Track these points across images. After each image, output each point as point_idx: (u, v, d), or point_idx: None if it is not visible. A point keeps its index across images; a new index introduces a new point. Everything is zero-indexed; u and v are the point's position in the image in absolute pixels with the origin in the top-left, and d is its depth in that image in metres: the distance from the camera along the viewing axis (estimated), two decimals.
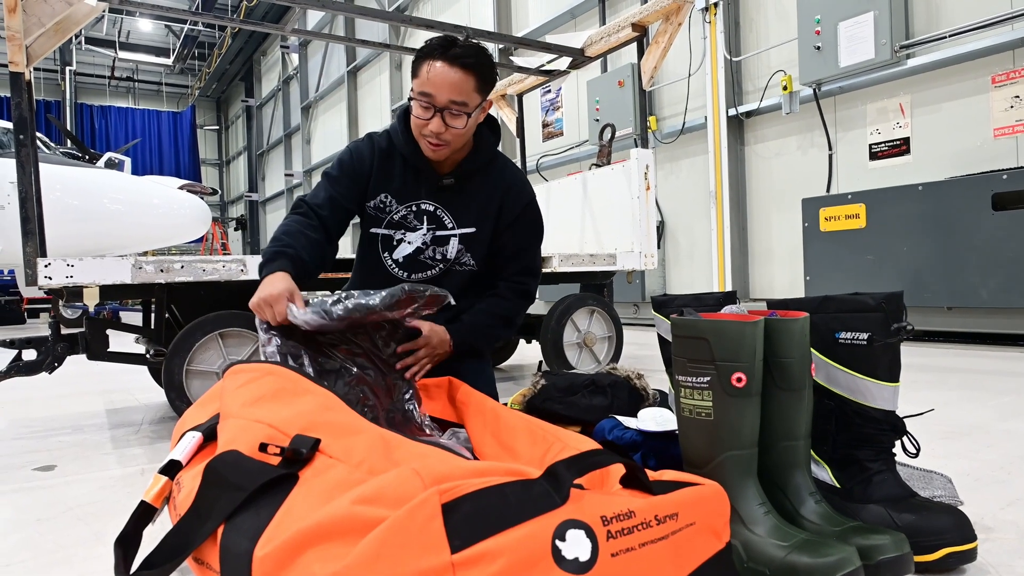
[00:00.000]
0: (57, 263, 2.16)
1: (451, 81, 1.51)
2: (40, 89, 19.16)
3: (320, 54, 15.32)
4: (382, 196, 1.68)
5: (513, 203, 1.73)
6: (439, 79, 1.51)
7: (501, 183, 1.73)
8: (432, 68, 1.52)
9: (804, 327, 1.12)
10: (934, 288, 4.06)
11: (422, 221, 1.69)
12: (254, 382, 1.09)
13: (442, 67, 1.51)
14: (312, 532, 0.72)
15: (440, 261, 1.72)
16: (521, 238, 1.76)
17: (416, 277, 1.72)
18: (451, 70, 1.51)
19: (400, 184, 1.68)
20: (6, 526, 1.42)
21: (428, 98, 1.52)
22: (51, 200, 6.26)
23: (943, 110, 4.59)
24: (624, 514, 0.76)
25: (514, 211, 1.73)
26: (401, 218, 1.69)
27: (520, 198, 1.75)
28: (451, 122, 1.54)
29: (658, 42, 3.37)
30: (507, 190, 1.73)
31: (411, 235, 1.69)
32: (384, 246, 1.72)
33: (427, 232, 1.69)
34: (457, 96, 1.52)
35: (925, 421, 2.10)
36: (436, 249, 1.71)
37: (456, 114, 1.54)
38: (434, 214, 1.69)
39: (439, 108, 1.52)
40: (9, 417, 2.71)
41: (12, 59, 2.23)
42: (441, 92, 1.51)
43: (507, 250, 1.76)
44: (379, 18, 3.19)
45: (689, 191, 6.48)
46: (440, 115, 1.53)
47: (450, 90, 1.51)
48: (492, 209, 1.71)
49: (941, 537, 1.06)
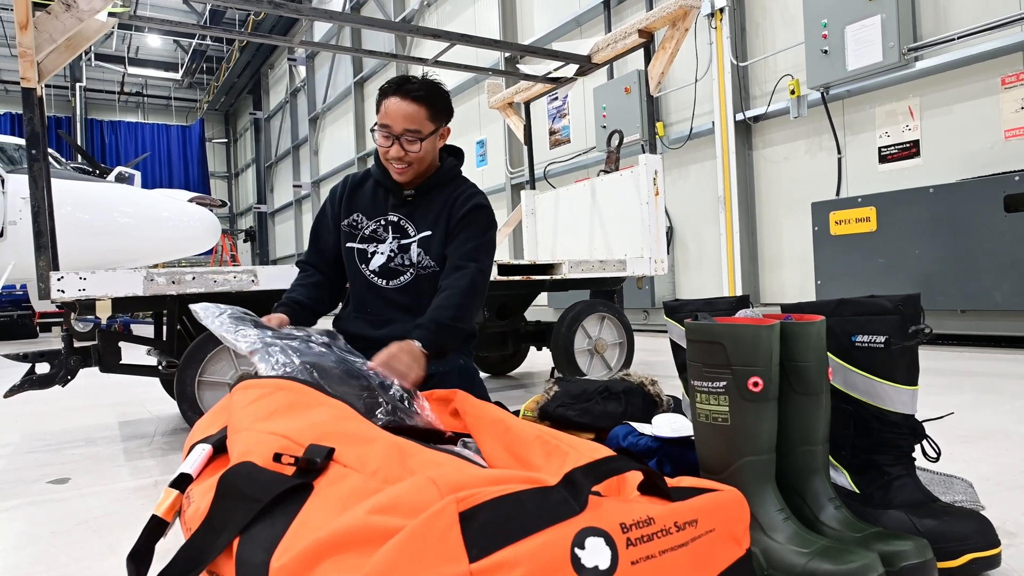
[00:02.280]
0: (70, 276, 2.17)
1: (405, 112, 1.75)
2: (51, 105, 19.38)
3: (327, 66, 15.42)
4: (354, 216, 1.92)
5: (462, 204, 1.89)
6: (394, 111, 1.76)
7: (455, 193, 1.91)
8: (389, 103, 1.77)
9: (820, 330, 1.11)
10: (947, 291, 4.02)
11: (388, 232, 1.90)
12: (265, 398, 1.09)
13: (397, 101, 1.76)
14: (328, 542, 0.71)
15: (409, 267, 1.88)
16: (466, 232, 1.87)
17: (392, 284, 1.88)
18: (404, 103, 1.75)
19: (370, 202, 1.92)
20: (20, 539, 1.42)
21: (387, 128, 1.77)
22: (63, 214, 6.32)
23: (953, 112, 4.56)
24: (643, 521, 0.75)
25: (460, 211, 1.88)
26: (371, 232, 1.90)
27: (468, 200, 1.89)
28: (408, 147, 1.78)
29: (665, 48, 3.37)
30: (457, 197, 1.90)
31: (381, 246, 1.90)
32: (360, 258, 1.90)
33: (393, 240, 1.89)
34: (410, 125, 1.76)
35: (942, 425, 2.07)
36: (403, 256, 1.89)
37: (411, 140, 1.77)
38: (398, 224, 1.90)
39: (396, 136, 1.77)
40: (23, 430, 2.73)
41: (24, 75, 2.25)
42: (397, 122, 1.76)
43: (451, 247, 1.87)
44: (386, 29, 3.21)
45: (697, 196, 6.46)
46: (398, 142, 1.77)
47: (404, 120, 1.76)
48: (445, 212, 1.89)
49: (964, 542, 1.04)
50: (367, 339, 1.82)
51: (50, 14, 2.28)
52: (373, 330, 1.85)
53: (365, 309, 1.90)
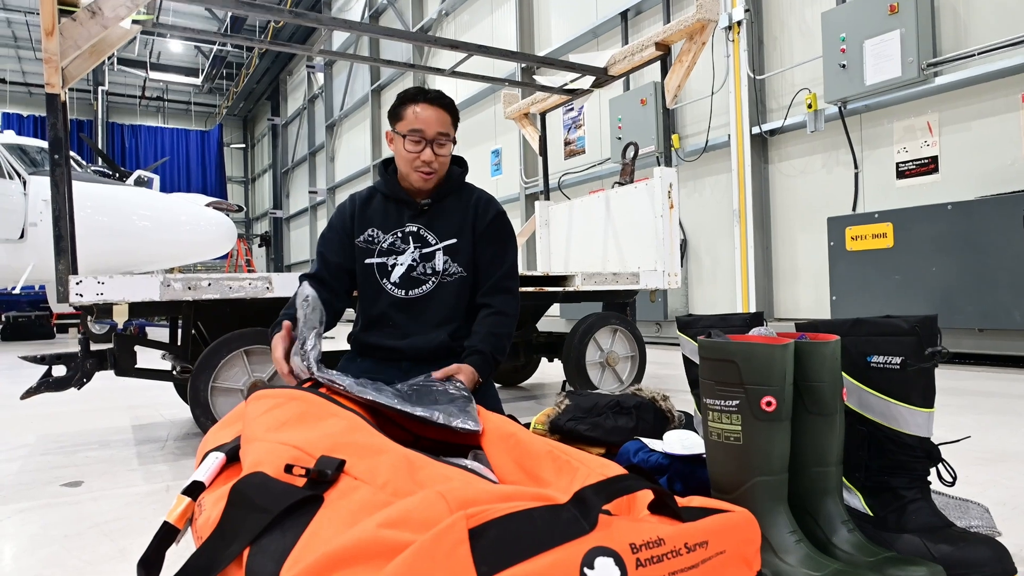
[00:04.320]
0: (88, 280, 2.20)
1: (436, 118, 1.81)
2: (73, 108, 19.70)
3: (345, 73, 15.56)
4: (369, 231, 1.91)
5: (484, 212, 1.93)
6: (426, 116, 1.80)
7: (471, 198, 1.95)
8: (418, 109, 1.81)
9: (835, 350, 1.10)
10: (965, 309, 3.98)
11: (408, 243, 1.89)
12: (278, 408, 1.10)
13: (426, 107, 1.81)
14: (338, 556, 0.71)
15: (432, 275, 1.88)
16: (492, 250, 1.92)
17: (413, 293, 1.87)
18: (433, 108, 1.81)
19: (383, 217, 1.91)
20: (33, 541, 1.44)
21: (419, 133, 1.80)
22: (82, 217, 6.41)
23: (972, 128, 4.52)
24: (654, 541, 0.75)
25: (486, 219, 1.92)
26: (389, 245, 1.89)
27: (490, 208, 1.95)
28: (439, 151, 1.82)
29: (682, 61, 3.37)
30: (477, 202, 1.94)
31: (401, 257, 1.89)
32: (381, 273, 1.89)
33: (414, 250, 1.89)
34: (442, 128, 1.82)
35: (959, 448, 2.04)
36: (425, 265, 1.88)
37: (443, 143, 1.82)
38: (418, 234, 1.90)
39: (429, 140, 1.80)
40: (38, 432, 2.75)
41: (49, 81, 2.28)
42: (430, 126, 1.80)
43: (482, 262, 1.91)
44: (403, 38, 3.24)
45: (712, 209, 6.44)
46: (430, 146, 1.80)
47: (437, 124, 1.81)
48: (468, 220, 1.92)
49: (979, 569, 1.03)
50: (392, 349, 1.83)
51: (75, 21, 2.31)
52: (397, 340, 1.84)
53: (387, 322, 1.88)
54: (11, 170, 6.70)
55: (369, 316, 1.90)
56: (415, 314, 1.87)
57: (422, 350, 1.82)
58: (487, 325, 1.83)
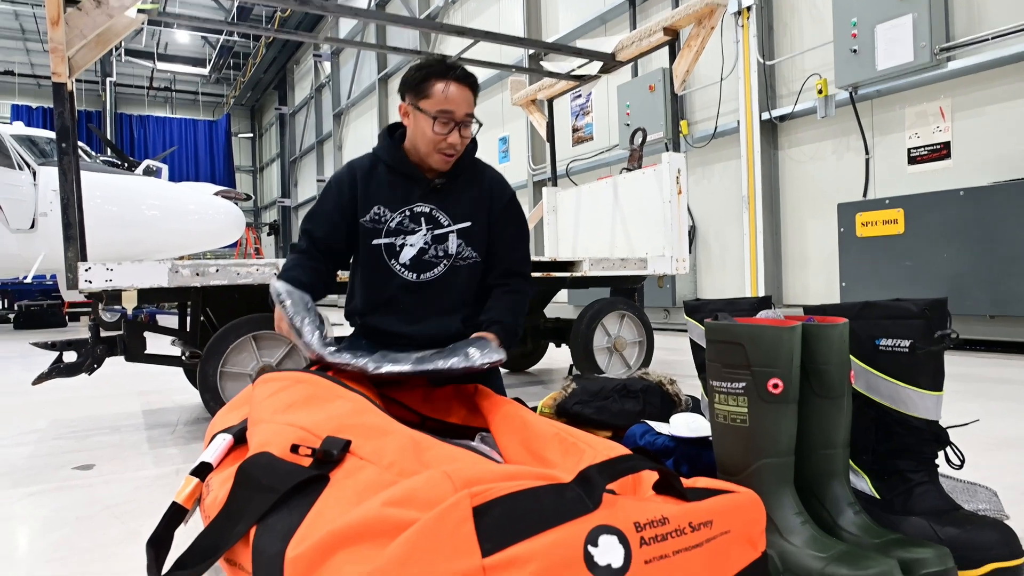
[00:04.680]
0: (97, 267, 2.21)
1: (465, 98, 1.73)
2: (81, 99, 19.73)
3: (352, 62, 15.51)
4: (375, 209, 1.80)
5: (499, 195, 1.88)
6: (456, 97, 1.71)
7: (485, 180, 1.88)
8: (448, 88, 1.71)
9: (843, 333, 1.09)
10: (976, 296, 3.94)
11: (419, 223, 1.80)
12: (285, 390, 1.10)
13: (456, 87, 1.72)
14: (343, 533, 0.72)
15: (444, 257, 1.81)
16: (509, 233, 1.89)
17: (425, 276, 1.80)
18: (462, 88, 1.72)
19: (390, 193, 1.81)
20: (46, 524, 1.46)
21: (448, 115, 1.70)
22: (91, 207, 6.44)
23: (986, 114, 4.46)
24: (658, 520, 0.75)
25: (501, 202, 1.88)
26: (397, 224, 1.80)
27: (504, 191, 1.90)
28: (465, 133, 1.75)
29: (690, 46, 3.34)
30: (492, 185, 1.88)
31: (411, 238, 1.80)
32: (389, 254, 1.80)
33: (426, 232, 1.80)
34: (470, 109, 1.75)
35: (968, 432, 2.03)
36: (437, 247, 1.81)
37: (468, 124, 1.75)
38: (430, 215, 1.81)
39: (458, 122, 1.72)
40: (51, 417, 2.78)
41: (55, 70, 2.29)
42: (459, 108, 1.72)
43: (497, 246, 1.87)
44: (410, 25, 3.22)
45: (721, 195, 6.40)
46: (458, 129, 1.72)
47: (465, 105, 1.73)
48: (483, 202, 1.85)
49: (987, 552, 1.02)
50: (402, 335, 1.77)
51: (81, 10, 2.31)
52: (407, 326, 1.78)
53: (396, 306, 1.80)
54: (21, 161, 6.74)
55: (376, 299, 1.82)
56: (426, 298, 1.79)
57: (435, 337, 1.73)
58: (505, 302, 1.80)
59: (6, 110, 19.11)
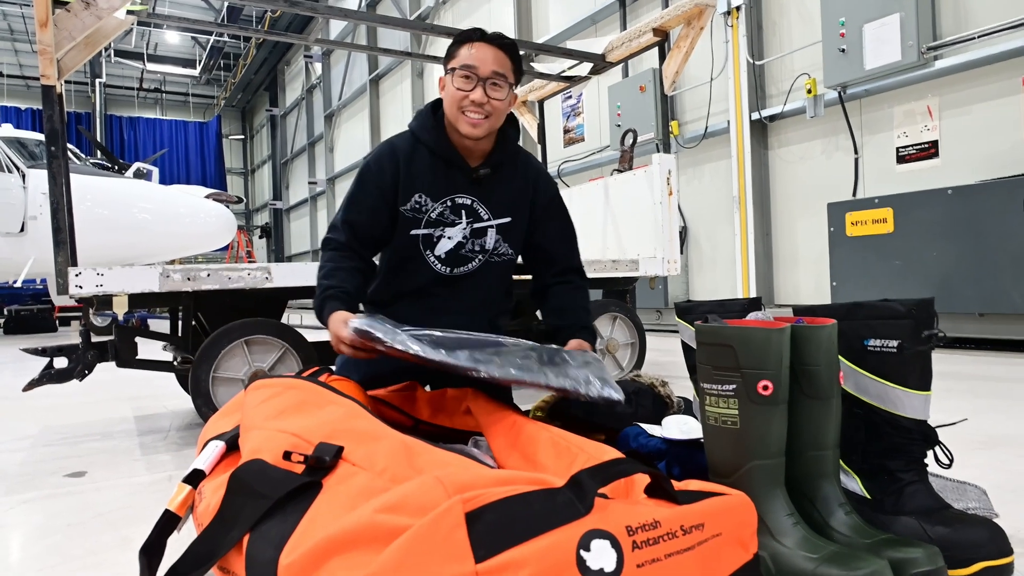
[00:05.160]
0: (87, 272, 2.20)
1: (493, 55, 1.61)
2: (71, 101, 19.63)
3: (343, 63, 15.48)
4: (416, 197, 1.68)
5: (544, 189, 1.80)
6: (482, 54, 1.60)
7: (529, 172, 1.78)
8: (474, 47, 1.61)
9: (832, 334, 1.10)
10: (965, 294, 3.98)
11: (460, 215, 1.70)
12: (277, 396, 1.10)
13: (484, 45, 1.61)
14: (336, 540, 0.72)
15: (479, 252, 1.73)
16: (557, 228, 1.83)
17: (458, 271, 1.73)
18: (493, 48, 1.61)
19: (432, 180, 1.68)
20: (38, 531, 1.45)
21: (471, 70, 1.59)
22: (81, 210, 6.40)
23: (973, 112, 4.50)
24: (650, 524, 0.75)
25: (546, 196, 1.80)
26: (438, 215, 1.69)
27: (550, 185, 1.83)
28: (492, 93, 1.60)
29: (680, 47, 3.36)
30: (537, 178, 1.80)
31: (450, 230, 1.70)
32: (425, 244, 1.71)
33: (466, 226, 1.71)
34: (499, 68, 1.60)
35: (957, 431, 2.05)
36: (475, 242, 1.72)
37: (498, 84, 1.61)
38: (471, 207, 1.71)
39: (482, 78, 1.59)
40: (41, 423, 2.77)
41: (44, 72, 2.28)
42: (485, 64, 1.59)
43: (547, 242, 1.81)
44: (401, 27, 3.22)
45: (712, 196, 6.43)
46: (483, 85, 1.59)
47: (493, 62, 1.60)
48: (526, 198, 1.76)
49: (976, 550, 1.03)
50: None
51: (69, 12, 2.30)
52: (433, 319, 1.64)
53: (424, 298, 1.73)
54: (10, 164, 6.70)
55: (403, 289, 1.74)
56: (457, 292, 1.73)
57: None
58: (579, 302, 1.77)
59: None
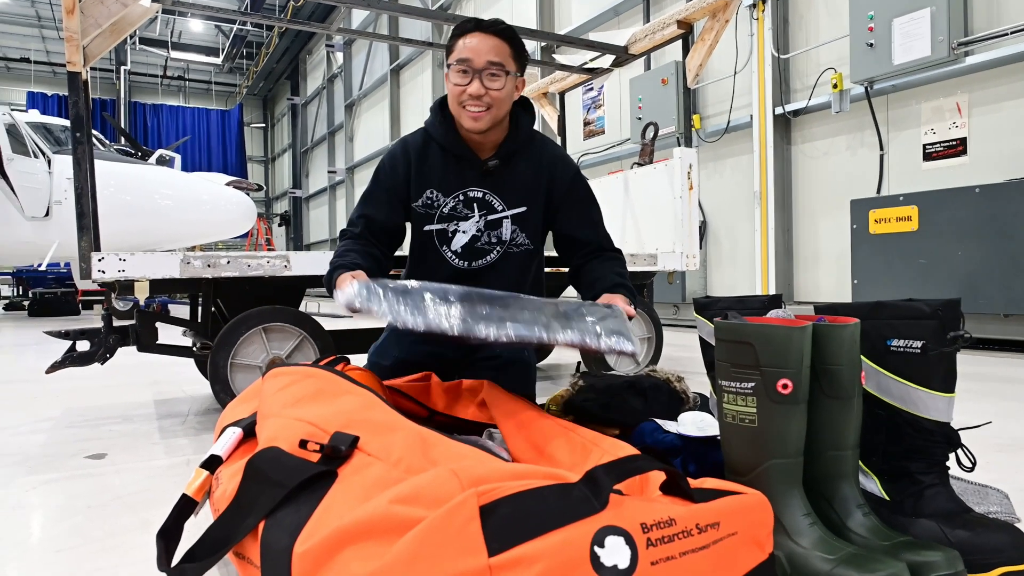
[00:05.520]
0: (110, 257, 2.23)
1: (488, 45, 1.57)
2: (96, 88, 19.85)
3: (364, 53, 15.51)
4: (427, 193, 1.69)
5: (562, 174, 1.74)
6: (476, 45, 1.56)
7: (544, 159, 1.73)
8: (468, 38, 1.58)
9: (854, 333, 1.08)
10: (990, 294, 3.90)
11: (472, 209, 1.70)
12: (294, 384, 1.11)
13: (478, 35, 1.58)
14: (351, 530, 0.72)
15: (496, 244, 1.72)
16: (581, 212, 1.75)
17: (477, 264, 1.72)
18: (487, 37, 1.57)
19: (442, 176, 1.69)
20: (58, 512, 1.47)
21: (466, 63, 1.56)
22: (105, 196, 6.47)
23: (1003, 110, 4.41)
24: (664, 522, 0.75)
25: (565, 180, 1.74)
26: (451, 210, 1.69)
27: (567, 169, 1.76)
28: (489, 84, 1.57)
29: (704, 39, 3.31)
30: (552, 164, 1.74)
31: (464, 224, 1.70)
32: (440, 240, 1.72)
33: (479, 219, 1.70)
34: (494, 57, 1.56)
35: (980, 433, 2.02)
36: (491, 234, 1.71)
37: (495, 75, 1.57)
38: (483, 200, 1.70)
39: (478, 70, 1.56)
40: (64, 406, 2.81)
41: (70, 59, 2.30)
42: (479, 55, 1.56)
43: (572, 227, 1.74)
44: (423, 17, 3.21)
45: (733, 191, 6.36)
46: (479, 77, 1.56)
47: (487, 52, 1.56)
48: (541, 186, 1.72)
49: (997, 555, 1.02)
50: None
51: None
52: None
53: None
54: (36, 148, 6.79)
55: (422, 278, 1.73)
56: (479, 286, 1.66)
57: None
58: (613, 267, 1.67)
59: (22, 97, 19.25)
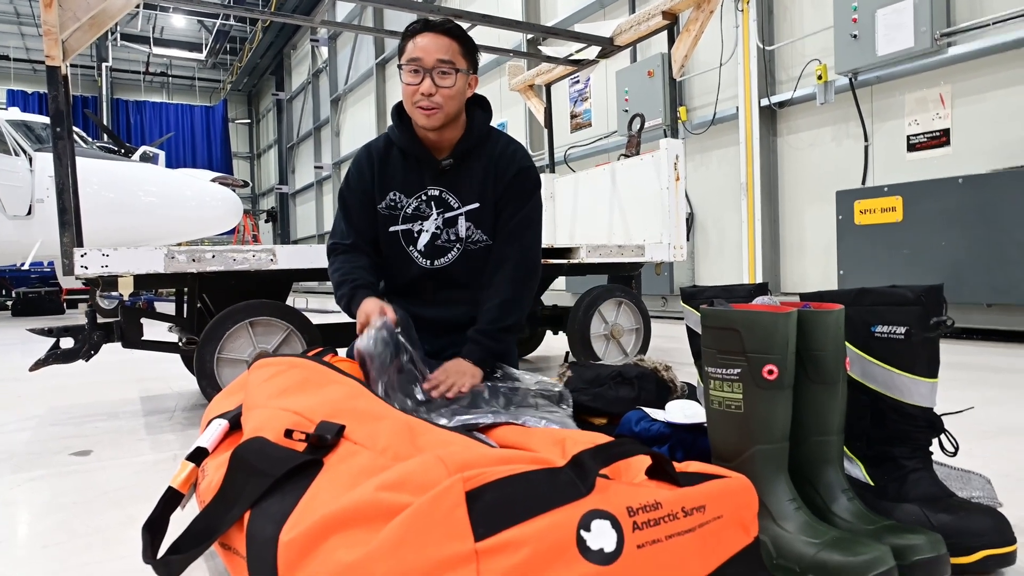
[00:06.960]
0: (93, 253, 2.20)
1: (437, 44, 1.62)
2: (78, 85, 19.61)
3: (349, 47, 15.41)
4: (391, 195, 1.75)
5: (505, 168, 1.75)
6: (426, 44, 1.62)
7: (495, 155, 1.76)
8: (418, 39, 1.63)
9: (839, 319, 1.09)
10: (973, 284, 3.95)
11: (431, 207, 1.75)
12: (280, 375, 1.10)
13: (427, 35, 1.63)
14: (337, 518, 0.72)
15: (455, 242, 1.76)
16: (511, 206, 1.75)
17: (439, 262, 1.76)
18: (436, 36, 1.63)
19: (404, 178, 1.75)
20: (44, 508, 1.46)
21: (417, 62, 1.61)
22: (88, 193, 6.42)
23: (986, 100, 4.45)
24: (650, 505, 0.75)
25: (505, 178, 1.75)
26: (414, 210, 1.75)
27: (511, 165, 1.76)
28: (440, 81, 1.62)
29: (689, 30, 3.32)
30: (499, 159, 1.76)
31: (426, 223, 1.76)
32: (406, 240, 1.77)
33: (437, 216, 1.75)
34: (444, 55, 1.62)
35: (963, 420, 2.04)
36: (449, 231, 1.75)
37: (445, 72, 1.62)
38: (440, 198, 1.75)
39: (428, 69, 1.61)
40: (48, 404, 2.78)
41: (49, 53, 2.27)
42: (429, 54, 1.61)
43: (499, 226, 1.76)
44: (408, 9, 3.19)
45: (719, 183, 6.39)
46: (430, 75, 1.61)
47: (437, 51, 1.61)
48: (490, 180, 1.75)
49: (979, 539, 1.03)
50: (421, 318, 1.73)
51: None
52: (427, 310, 1.75)
53: (416, 292, 1.78)
54: (16, 147, 6.70)
55: (397, 285, 1.81)
56: (443, 284, 1.77)
57: (453, 322, 1.74)
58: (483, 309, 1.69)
59: (1, 95, 18.99)
